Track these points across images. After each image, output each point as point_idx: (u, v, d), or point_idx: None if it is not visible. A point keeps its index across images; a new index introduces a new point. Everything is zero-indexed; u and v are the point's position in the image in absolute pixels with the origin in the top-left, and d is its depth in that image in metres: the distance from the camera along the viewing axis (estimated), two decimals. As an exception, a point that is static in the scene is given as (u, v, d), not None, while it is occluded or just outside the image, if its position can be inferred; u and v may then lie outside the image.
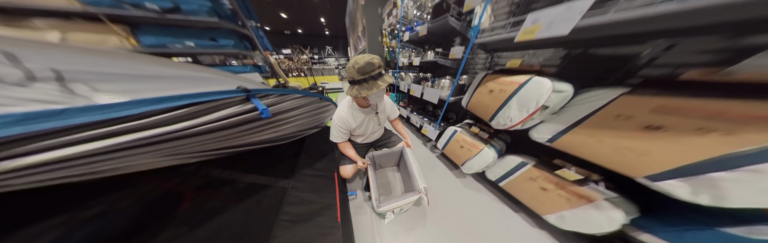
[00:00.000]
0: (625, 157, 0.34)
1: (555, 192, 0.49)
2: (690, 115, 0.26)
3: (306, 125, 0.63)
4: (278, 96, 0.40)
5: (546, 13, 0.33)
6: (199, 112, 0.29)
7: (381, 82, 0.46)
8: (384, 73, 0.48)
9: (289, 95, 0.43)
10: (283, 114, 0.46)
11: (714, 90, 0.25)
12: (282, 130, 0.50)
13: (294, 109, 0.48)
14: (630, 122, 0.32)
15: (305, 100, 0.50)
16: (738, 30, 0.28)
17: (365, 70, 0.44)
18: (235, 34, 1.12)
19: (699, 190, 0.27)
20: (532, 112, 0.44)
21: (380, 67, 0.45)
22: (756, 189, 0.23)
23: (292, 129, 0.55)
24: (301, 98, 0.47)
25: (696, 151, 0.26)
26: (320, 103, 0.59)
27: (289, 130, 0.55)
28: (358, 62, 0.43)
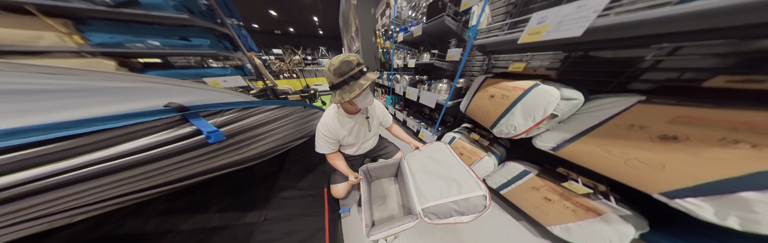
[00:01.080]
0: (636, 169, 0.31)
1: (560, 203, 0.47)
2: (714, 126, 0.24)
3: (288, 138, 0.53)
4: (240, 110, 0.31)
5: (554, 12, 0.30)
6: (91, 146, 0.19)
7: (363, 80, 0.39)
8: (366, 70, 0.41)
9: (258, 107, 0.34)
10: (249, 132, 0.36)
11: (738, 99, 0.23)
12: (250, 150, 0.40)
13: (267, 123, 0.39)
14: (644, 132, 0.29)
15: (283, 111, 0.41)
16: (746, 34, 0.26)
17: (342, 71, 0.37)
18: (212, 33, 1.01)
19: (727, 211, 0.24)
20: (539, 121, 0.41)
21: (360, 65, 0.39)
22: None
23: (267, 146, 0.45)
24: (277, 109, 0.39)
25: (721, 167, 0.24)
26: (306, 112, 0.51)
27: (263, 148, 0.44)
28: (333, 63, 0.37)
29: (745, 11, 0.18)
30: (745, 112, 0.22)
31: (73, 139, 0.18)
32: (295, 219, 0.47)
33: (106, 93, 0.20)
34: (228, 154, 0.35)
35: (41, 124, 0.16)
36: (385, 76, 1.58)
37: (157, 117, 0.22)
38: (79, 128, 0.18)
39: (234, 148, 0.36)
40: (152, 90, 0.23)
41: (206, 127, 0.26)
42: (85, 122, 0.18)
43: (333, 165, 0.58)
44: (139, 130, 0.22)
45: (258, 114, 0.36)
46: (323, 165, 0.71)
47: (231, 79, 1.08)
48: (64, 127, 0.17)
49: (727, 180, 0.24)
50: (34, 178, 0.17)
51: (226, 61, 1.35)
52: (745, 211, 0.23)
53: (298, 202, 0.53)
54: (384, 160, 0.67)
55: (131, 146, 0.21)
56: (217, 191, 0.45)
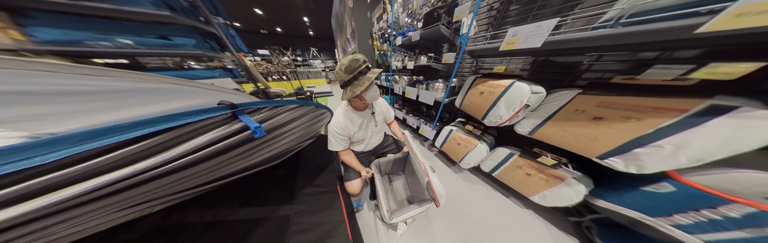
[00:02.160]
0: (582, 142, 0.44)
1: (537, 176, 0.60)
2: (619, 108, 0.37)
3: (301, 138, 0.54)
4: (271, 109, 0.33)
5: (522, 29, 0.43)
6: (167, 144, 0.20)
7: (371, 74, 0.46)
8: (371, 67, 0.48)
9: (283, 106, 0.36)
10: (278, 130, 0.38)
11: (631, 90, 0.36)
12: (276, 148, 0.42)
13: (289, 122, 0.40)
14: (584, 115, 0.42)
15: (301, 111, 0.42)
16: (634, 48, 0.42)
17: (352, 68, 0.44)
18: (196, 32, 0.94)
19: (628, 163, 0.38)
20: (518, 110, 0.54)
21: (365, 62, 0.46)
22: (659, 158, 0.34)
23: (286, 145, 0.47)
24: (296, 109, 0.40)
25: (624, 135, 0.37)
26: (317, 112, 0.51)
27: (284, 147, 0.47)
28: (343, 63, 0.44)
29: (630, 36, 0.29)
30: (631, 98, 0.35)
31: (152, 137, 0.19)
32: (320, 212, 0.51)
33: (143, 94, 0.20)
34: (265, 149, 0.38)
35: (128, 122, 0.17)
36: (383, 77, 1.67)
37: (217, 113, 0.23)
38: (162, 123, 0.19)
39: (270, 144, 0.38)
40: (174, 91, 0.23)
41: (252, 123, 0.28)
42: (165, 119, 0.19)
43: (345, 162, 0.63)
44: (203, 126, 0.23)
45: (284, 112, 0.37)
46: (332, 164, 0.75)
47: (221, 82, 1.01)
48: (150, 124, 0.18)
49: (626, 143, 0.37)
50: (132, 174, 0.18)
51: (211, 62, 1.25)
52: (636, 161, 0.36)
53: (318, 197, 0.56)
54: (393, 155, 0.75)
55: (200, 141, 0.23)
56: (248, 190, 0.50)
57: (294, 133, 0.45)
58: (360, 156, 0.73)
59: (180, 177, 0.25)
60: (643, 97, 0.33)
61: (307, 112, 0.46)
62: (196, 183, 0.31)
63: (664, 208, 0.37)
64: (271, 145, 0.40)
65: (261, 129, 0.29)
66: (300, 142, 0.58)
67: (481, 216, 0.70)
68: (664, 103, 0.31)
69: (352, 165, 0.62)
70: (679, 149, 0.31)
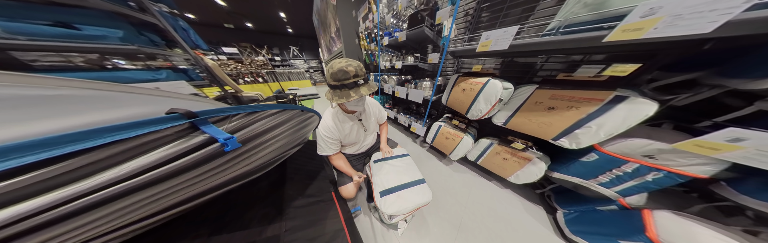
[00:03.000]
0: (542, 128, 0.55)
1: (511, 159, 0.71)
2: (564, 99, 0.48)
3: (287, 146, 0.47)
4: (246, 116, 0.28)
5: (493, 33, 0.51)
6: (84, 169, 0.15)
7: (354, 93, 0.41)
8: (361, 83, 0.42)
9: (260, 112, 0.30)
10: (256, 139, 0.32)
11: (571, 84, 0.47)
12: (256, 160, 0.36)
13: (270, 129, 0.35)
14: (541, 106, 0.53)
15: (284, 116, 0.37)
16: (569, 52, 0.56)
17: (338, 77, 0.40)
18: (124, 20, 0.73)
19: (571, 141, 0.50)
20: (494, 104, 0.63)
21: (357, 77, 0.40)
22: (589, 136, 0.46)
23: (269, 156, 0.40)
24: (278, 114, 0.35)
25: (568, 120, 0.48)
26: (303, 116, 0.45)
27: (266, 158, 0.40)
28: (333, 67, 0.40)
29: (565, 42, 0.39)
30: (571, 91, 0.46)
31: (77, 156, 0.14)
32: (315, 225, 0.47)
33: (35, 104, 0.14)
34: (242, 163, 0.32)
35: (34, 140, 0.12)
36: (372, 77, 1.67)
37: (165, 126, 0.18)
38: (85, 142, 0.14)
39: (247, 156, 0.32)
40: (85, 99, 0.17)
41: (219, 133, 0.23)
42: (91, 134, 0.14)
43: (336, 166, 0.59)
44: (149, 141, 0.18)
45: (263, 119, 0.32)
46: (324, 171, 0.70)
47: (170, 86, 0.78)
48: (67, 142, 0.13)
49: (570, 126, 0.48)
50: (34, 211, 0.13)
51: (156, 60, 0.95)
52: (576, 139, 0.48)
53: (312, 209, 0.52)
54: None
55: (145, 161, 0.18)
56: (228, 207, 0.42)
57: (277, 141, 0.39)
58: (353, 158, 0.70)
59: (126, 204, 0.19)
60: (578, 90, 0.45)
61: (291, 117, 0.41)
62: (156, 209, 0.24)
63: (593, 172, 0.50)
64: (250, 158, 0.34)
65: (234, 140, 0.25)
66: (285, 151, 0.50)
67: (471, 201, 0.79)
68: (590, 95, 0.43)
69: (343, 170, 0.59)
70: (600, 128, 0.43)
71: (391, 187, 0.52)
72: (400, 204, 0.48)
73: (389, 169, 0.59)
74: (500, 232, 0.65)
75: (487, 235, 0.64)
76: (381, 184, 0.54)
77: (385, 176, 0.56)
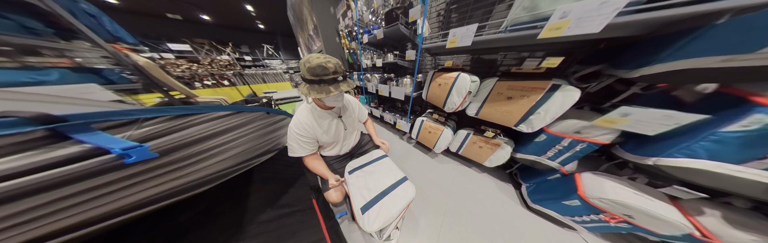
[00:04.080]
0: (505, 116, 0.64)
1: (485, 147, 0.80)
2: (518, 89, 0.56)
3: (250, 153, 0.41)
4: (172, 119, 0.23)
5: (458, 30, 0.55)
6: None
7: (334, 88, 0.39)
8: (341, 79, 0.40)
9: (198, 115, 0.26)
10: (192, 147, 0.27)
11: (521, 76, 0.55)
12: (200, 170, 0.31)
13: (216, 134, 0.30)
14: (502, 96, 0.61)
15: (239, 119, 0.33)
16: (520, 50, 0.66)
17: (316, 72, 0.37)
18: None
19: (528, 126, 0.59)
20: (465, 96, 0.69)
21: (337, 74, 0.38)
22: (539, 120, 0.55)
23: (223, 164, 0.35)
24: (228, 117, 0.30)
25: (523, 108, 0.57)
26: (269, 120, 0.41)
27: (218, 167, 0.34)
28: (310, 61, 0.37)
29: (511, 39, 0.46)
30: (522, 81, 0.55)
31: None
32: (286, 240, 0.42)
33: None
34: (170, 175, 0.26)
35: None
36: (356, 76, 1.62)
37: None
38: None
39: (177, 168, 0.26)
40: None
41: (114, 142, 0.19)
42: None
43: (311, 169, 0.52)
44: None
45: (200, 123, 0.27)
46: (305, 177, 0.64)
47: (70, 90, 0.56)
48: None
49: (526, 113, 0.57)
50: None
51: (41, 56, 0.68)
52: (531, 124, 0.58)
53: (285, 221, 0.46)
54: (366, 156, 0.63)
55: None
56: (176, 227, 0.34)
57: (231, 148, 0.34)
58: (335, 161, 0.63)
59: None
60: (526, 80, 0.53)
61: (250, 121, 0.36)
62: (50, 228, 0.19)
63: (543, 149, 0.61)
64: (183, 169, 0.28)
65: (144, 150, 0.20)
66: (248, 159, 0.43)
67: (455, 188, 0.86)
68: (535, 84, 0.51)
69: (318, 172, 0.52)
70: (547, 113, 0.52)
71: (372, 198, 0.45)
72: (384, 216, 0.42)
73: (367, 178, 0.52)
74: (479, 212, 0.72)
75: (468, 216, 0.70)
76: (360, 198, 0.46)
77: (364, 187, 0.49)
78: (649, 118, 0.36)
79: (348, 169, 0.56)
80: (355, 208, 0.45)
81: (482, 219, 0.69)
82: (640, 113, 0.36)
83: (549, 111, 0.51)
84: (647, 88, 0.47)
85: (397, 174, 0.55)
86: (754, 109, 0.30)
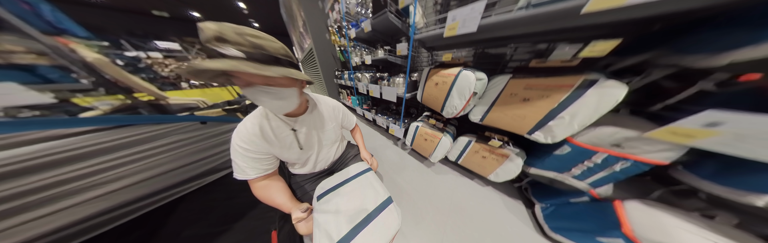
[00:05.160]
0: (517, 121, 0.51)
1: (490, 157, 0.67)
2: (538, 89, 0.43)
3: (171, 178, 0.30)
4: None
5: (459, 12, 0.42)
6: None
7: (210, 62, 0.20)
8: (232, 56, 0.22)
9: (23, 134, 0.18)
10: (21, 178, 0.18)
11: (542, 72, 0.43)
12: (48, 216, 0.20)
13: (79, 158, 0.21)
14: (517, 98, 0.48)
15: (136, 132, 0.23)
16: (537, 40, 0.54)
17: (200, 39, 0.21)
18: None
19: (546, 135, 0.46)
20: (468, 98, 0.56)
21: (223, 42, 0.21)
22: (563, 128, 0.42)
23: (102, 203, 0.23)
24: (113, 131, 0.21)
25: (542, 110, 0.44)
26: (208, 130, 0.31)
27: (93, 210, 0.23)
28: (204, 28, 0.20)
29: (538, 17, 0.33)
30: (544, 79, 0.42)
31: None
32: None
33: None
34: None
35: None
36: (347, 75, 1.49)
37: None
38: None
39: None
40: None
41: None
42: None
43: (263, 199, 0.35)
44: None
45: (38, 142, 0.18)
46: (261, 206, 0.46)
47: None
48: None
49: (543, 117, 0.44)
50: None
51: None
52: (550, 132, 0.45)
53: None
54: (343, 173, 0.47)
55: None
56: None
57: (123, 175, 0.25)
58: (308, 181, 0.48)
59: None
60: (551, 77, 0.40)
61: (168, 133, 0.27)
62: None
63: (566, 165, 0.48)
64: None
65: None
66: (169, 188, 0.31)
67: (454, 206, 0.72)
68: (561, 81, 0.39)
69: (274, 203, 0.36)
70: (573, 118, 0.39)
71: (348, 232, 0.32)
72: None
73: (339, 205, 0.37)
74: (483, 239, 0.58)
75: (466, 238, 0.57)
76: (326, 239, 0.31)
77: (333, 220, 0.34)
78: (762, 132, 0.22)
79: (316, 193, 0.40)
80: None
81: None
82: (745, 122, 0.22)
83: (577, 115, 0.38)
84: (723, 85, 0.31)
85: (379, 196, 0.40)
86: None
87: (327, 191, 0.41)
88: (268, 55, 0.24)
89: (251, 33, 0.23)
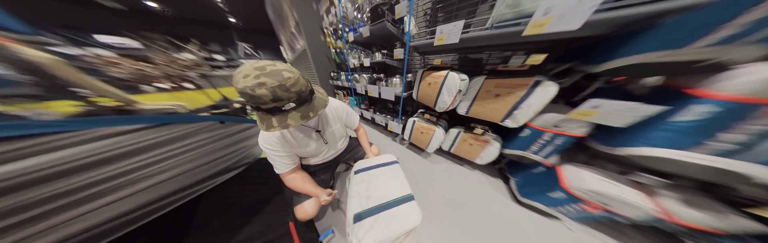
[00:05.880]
0: (492, 112, 0.65)
1: (476, 144, 0.81)
2: (505, 87, 0.58)
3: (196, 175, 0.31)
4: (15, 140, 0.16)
5: (445, 27, 0.55)
6: None
7: (278, 122, 0.27)
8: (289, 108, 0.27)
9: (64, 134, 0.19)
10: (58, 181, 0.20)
11: (507, 74, 0.57)
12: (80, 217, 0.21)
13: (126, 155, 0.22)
14: (491, 94, 0.63)
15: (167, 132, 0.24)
16: (504, 49, 0.70)
17: (246, 99, 0.26)
18: None
19: (513, 121, 0.61)
20: (455, 95, 0.69)
21: (279, 101, 0.26)
22: (523, 115, 0.58)
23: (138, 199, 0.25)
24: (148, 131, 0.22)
25: (509, 103, 0.59)
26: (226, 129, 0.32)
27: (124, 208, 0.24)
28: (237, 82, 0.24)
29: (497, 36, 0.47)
30: (508, 79, 0.57)
31: None
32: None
33: None
34: None
35: None
36: (344, 76, 1.54)
37: None
38: None
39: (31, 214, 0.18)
40: None
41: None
42: None
43: (296, 189, 0.45)
44: None
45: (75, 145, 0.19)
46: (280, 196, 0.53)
47: None
48: None
49: (511, 108, 0.59)
50: None
51: None
52: (515, 119, 0.60)
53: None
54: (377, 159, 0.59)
55: None
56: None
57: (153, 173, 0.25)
58: (319, 168, 0.57)
59: None
60: (512, 78, 0.55)
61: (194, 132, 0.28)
62: None
63: (528, 143, 0.64)
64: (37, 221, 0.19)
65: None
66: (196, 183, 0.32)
67: (450, 188, 0.85)
68: (520, 81, 0.54)
69: (305, 191, 0.45)
70: (529, 107, 0.55)
71: (371, 207, 0.40)
72: (378, 232, 0.35)
73: (370, 183, 0.47)
74: (471, 211, 0.72)
75: (464, 215, 0.70)
76: (356, 205, 0.41)
77: (364, 193, 0.44)
78: (616, 110, 0.40)
79: (354, 169, 0.55)
80: (348, 213, 0.39)
81: (477, 217, 0.69)
82: (608, 105, 0.40)
83: (531, 105, 0.54)
84: (607, 83, 0.53)
85: (404, 188, 0.49)
86: (689, 100, 0.35)
87: (362, 169, 0.54)
88: (306, 93, 0.29)
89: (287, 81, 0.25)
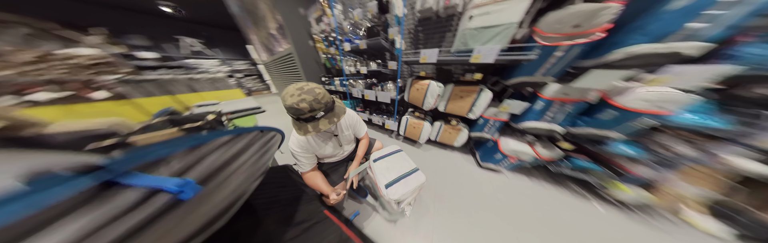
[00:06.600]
0: (460, 109, 0.98)
1: (454, 133, 1.15)
2: (465, 92, 0.91)
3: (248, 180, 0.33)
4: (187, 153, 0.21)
5: (426, 51, 0.83)
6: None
7: (312, 127, 0.38)
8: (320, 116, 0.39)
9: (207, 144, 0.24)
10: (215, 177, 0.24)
11: (465, 83, 0.91)
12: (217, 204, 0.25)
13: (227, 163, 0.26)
14: (457, 96, 0.95)
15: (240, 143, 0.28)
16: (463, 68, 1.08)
17: (292, 113, 0.38)
18: None
19: (473, 114, 0.96)
20: (436, 98, 1.00)
21: (313, 111, 0.37)
22: (478, 110, 0.93)
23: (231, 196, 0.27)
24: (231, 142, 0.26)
25: (468, 103, 0.92)
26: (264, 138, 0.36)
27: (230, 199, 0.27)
28: (285, 100, 0.36)
29: (456, 61, 0.81)
30: (466, 87, 0.90)
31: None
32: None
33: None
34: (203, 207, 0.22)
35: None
36: (338, 82, 1.66)
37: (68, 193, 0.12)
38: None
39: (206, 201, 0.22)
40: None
41: (161, 181, 0.17)
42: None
43: (311, 185, 0.57)
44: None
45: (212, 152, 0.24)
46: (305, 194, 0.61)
47: None
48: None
49: (470, 106, 0.94)
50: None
51: None
52: (474, 113, 0.95)
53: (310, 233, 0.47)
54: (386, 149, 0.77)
55: None
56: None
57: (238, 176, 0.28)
58: (331, 166, 0.71)
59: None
60: (468, 86, 0.88)
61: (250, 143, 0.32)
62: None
63: (483, 127, 1.00)
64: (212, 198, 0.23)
65: (191, 184, 0.19)
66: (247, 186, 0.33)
67: (440, 167, 1.16)
68: (472, 88, 0.87)
69: (319, 189, 0.56)
70: (480, 105, 0.89)
71: (393, 179, 0.61)
72: (403, 189, 0.57)
73: (388, 166, 0.68)
74: (453, 179, 1.04)
75: (446, 183, 1.01)
76: (383, 178, 0.61)
77: (387, 172, 0.64)
78: (517, 105, 0.77)
79: (373, 158, 0.72)
80: (379, 185, 0.61)
81: (456, 178, 1.02)
82: (513, 103, 0.77)
83: (481, 104, 0.88)
84: (514, 90, 0.91)
85: (411, 165, 0.71)
86: (538, 99, 0.73)
87: (379, 158, 0.73)
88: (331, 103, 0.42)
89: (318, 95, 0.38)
